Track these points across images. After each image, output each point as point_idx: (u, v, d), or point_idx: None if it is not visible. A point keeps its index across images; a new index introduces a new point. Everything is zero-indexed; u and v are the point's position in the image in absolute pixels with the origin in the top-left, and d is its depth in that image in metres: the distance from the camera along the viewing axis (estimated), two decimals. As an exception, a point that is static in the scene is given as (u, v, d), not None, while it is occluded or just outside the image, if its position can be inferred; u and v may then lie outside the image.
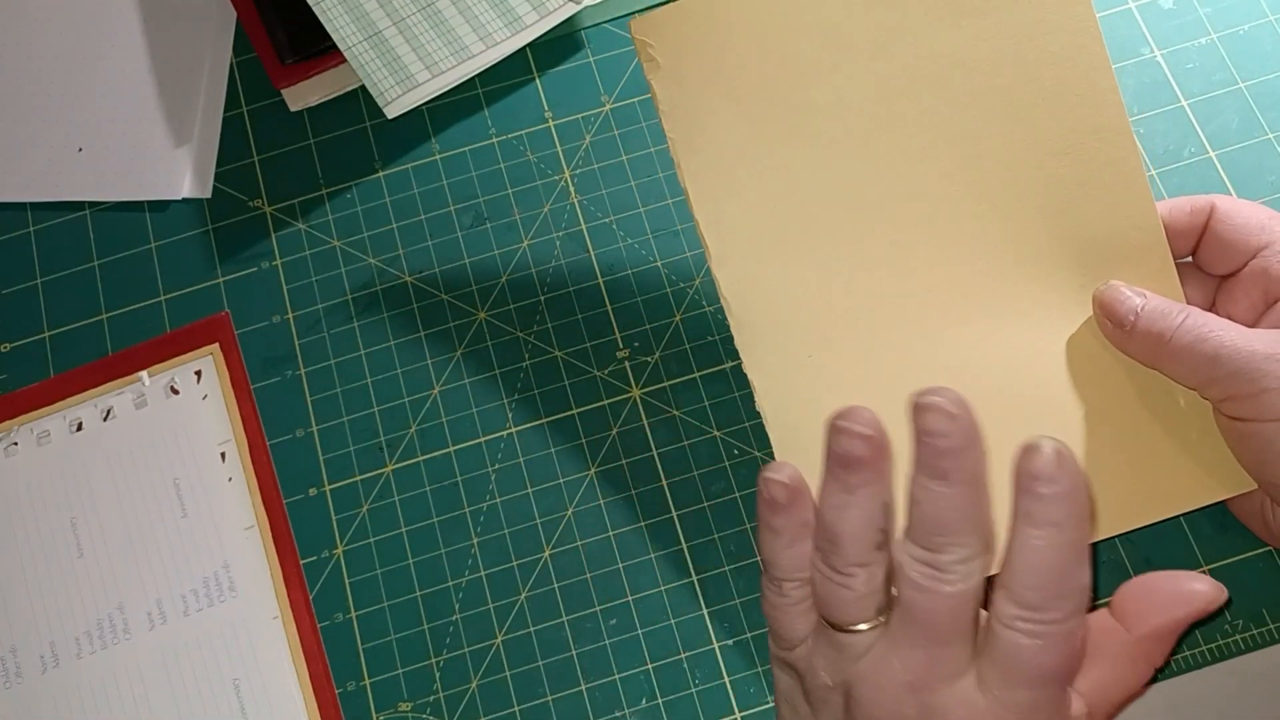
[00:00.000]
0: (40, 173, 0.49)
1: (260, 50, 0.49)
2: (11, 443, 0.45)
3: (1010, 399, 0.38)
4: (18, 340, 0.47)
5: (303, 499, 0.44)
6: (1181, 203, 0.39)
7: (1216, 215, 0.38)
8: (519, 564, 0.43)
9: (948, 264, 0.38)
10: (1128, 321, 0.37)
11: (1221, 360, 0.35)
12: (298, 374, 0.46)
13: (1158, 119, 0.48)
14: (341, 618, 0.43)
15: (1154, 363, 0.37)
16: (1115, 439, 0.38)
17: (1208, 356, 0.35)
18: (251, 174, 0.49)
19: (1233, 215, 0.38)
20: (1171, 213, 0.39)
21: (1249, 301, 0.38)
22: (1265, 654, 0.40)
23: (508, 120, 0.50)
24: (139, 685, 0.42)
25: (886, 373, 0.37)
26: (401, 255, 0.48)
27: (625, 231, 0.47)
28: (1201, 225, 0.39)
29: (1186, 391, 0.38)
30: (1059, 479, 0.30)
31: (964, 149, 0.38)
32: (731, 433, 0.44)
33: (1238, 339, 0.35)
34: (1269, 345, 0.34)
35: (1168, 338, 0.36)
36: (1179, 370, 0.36)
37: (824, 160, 0.38)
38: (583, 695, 0.41)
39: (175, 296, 0.47)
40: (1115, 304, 0.37)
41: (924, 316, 0.38)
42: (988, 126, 0.38)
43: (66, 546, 0.44)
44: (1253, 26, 0.49)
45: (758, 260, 0.38)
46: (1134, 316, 0.36)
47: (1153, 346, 0.36)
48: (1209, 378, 0.35)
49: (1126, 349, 0.37)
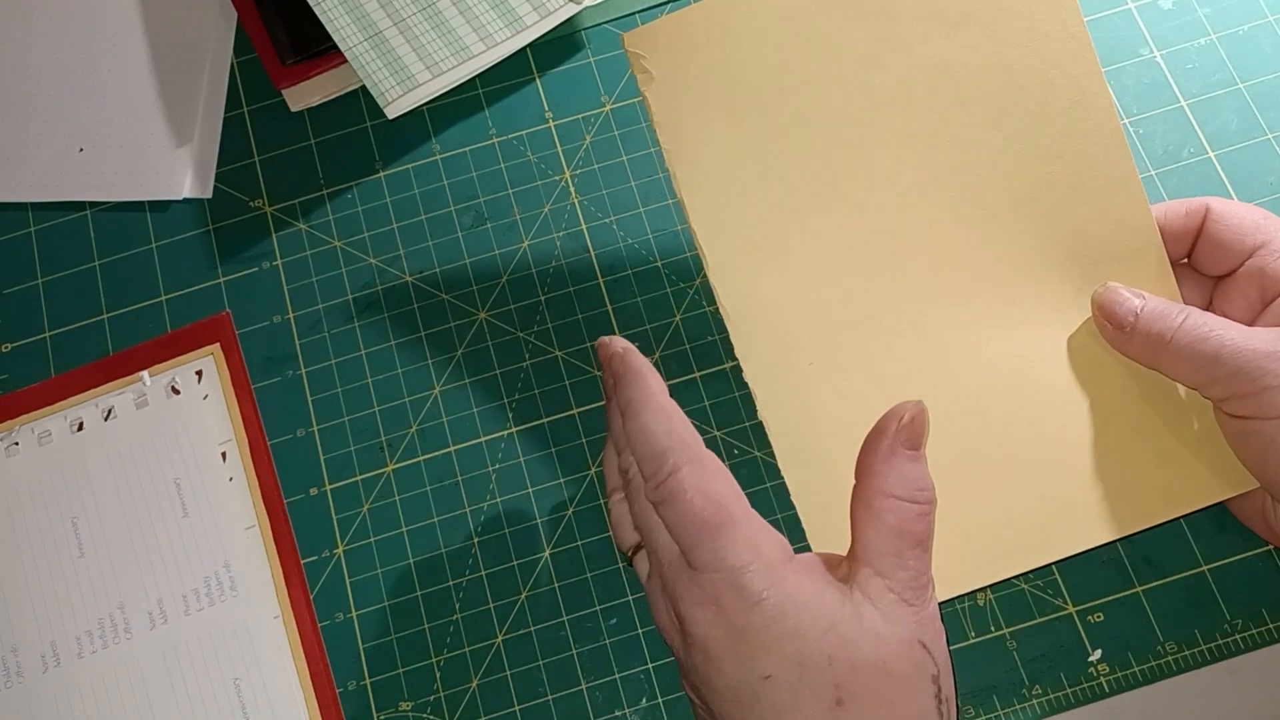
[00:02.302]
0: (41, 173, 0.49)
1: (261, 50, 0.49)
2: (12, 443, 0.45)
3: (1011, 403, 0.38)
4: (19, 340, 0.47)
5: (303, 499, 0.44)
6: (1176, 205, 0.39)
7: (1211, 216, 0.38)
8: (519, 564, 0.43)
9: (945, 270, 0.38)
10: (1127, 323, 0.37)
11: (1222, 359, 0.35)
12: (298, 374, 0.46)
13: (1157, 119, 0.48)
14: (342, 617, 0.43)
15: (1154, 363, 0.37)
16: (1117, 441, 0.38)
17: (1209, 356, 0.35)
18: (252, 174, 0.49)
19: (1227, 216, 0.38)
20: (1166, 215, 0.39)
21: (1245, 301, 0.38)
22: (1265, 654, 0.41)
23: (508, 120, 0.50)
24: (139, 685, 0.42)
25: (888, 379, 0.37)
26: (402, 255, 0.48)
27: (625, 231, 0.47)
28: (1196, 227, 0.39)
29: (1186, 391, 0.38)
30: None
31: (957, 156, 0.38)
32: (731, 433, 0.44)
33: (1238, 338, 0.35)
34: (1269, 343, 0.34)
35: (1168, 338, 0.36)
36: (1180, 370, 0.36)
37: (818, 171, 0.38)
38: (583, 695, 0.41)
39: (176, 296, 0.47)
40: (1114, 306, 0.37)
41: (923, 323, 0.38)
42: (980, 133, 0.38)
43: (67, 546, 0.44)
44: (1252, 27, 0.49)
45: (756, 270, 0.38)
46: (1133, 318, 0.37)
47: (1153, 347, 0.36)
48: (1210, 377, 0.35)
49: (1126, 350, 0.38)
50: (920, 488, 0.33)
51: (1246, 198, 0.46)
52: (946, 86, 0.38)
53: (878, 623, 0.31)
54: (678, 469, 0.32)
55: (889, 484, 0.33)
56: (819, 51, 0.38)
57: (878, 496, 0.33)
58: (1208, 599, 0.41)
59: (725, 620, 0.31)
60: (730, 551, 0.31)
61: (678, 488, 0.32)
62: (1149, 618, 0.41)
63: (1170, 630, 0.41)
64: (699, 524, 0.32)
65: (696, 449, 0.33)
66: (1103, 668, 0.41)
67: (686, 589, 0.32)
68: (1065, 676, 0.41)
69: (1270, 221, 0.38)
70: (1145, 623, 0.41)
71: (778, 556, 0.32)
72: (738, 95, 0.38)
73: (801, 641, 0.31)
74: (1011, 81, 0.38)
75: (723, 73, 0.38)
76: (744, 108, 0.38)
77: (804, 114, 0.38)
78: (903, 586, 0.32)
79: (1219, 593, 0.41)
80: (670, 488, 0.32)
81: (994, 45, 0.38)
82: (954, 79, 0.38)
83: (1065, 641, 0.41)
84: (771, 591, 0.31)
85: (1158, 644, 0.41)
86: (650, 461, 0.33)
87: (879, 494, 0.33)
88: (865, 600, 0.32)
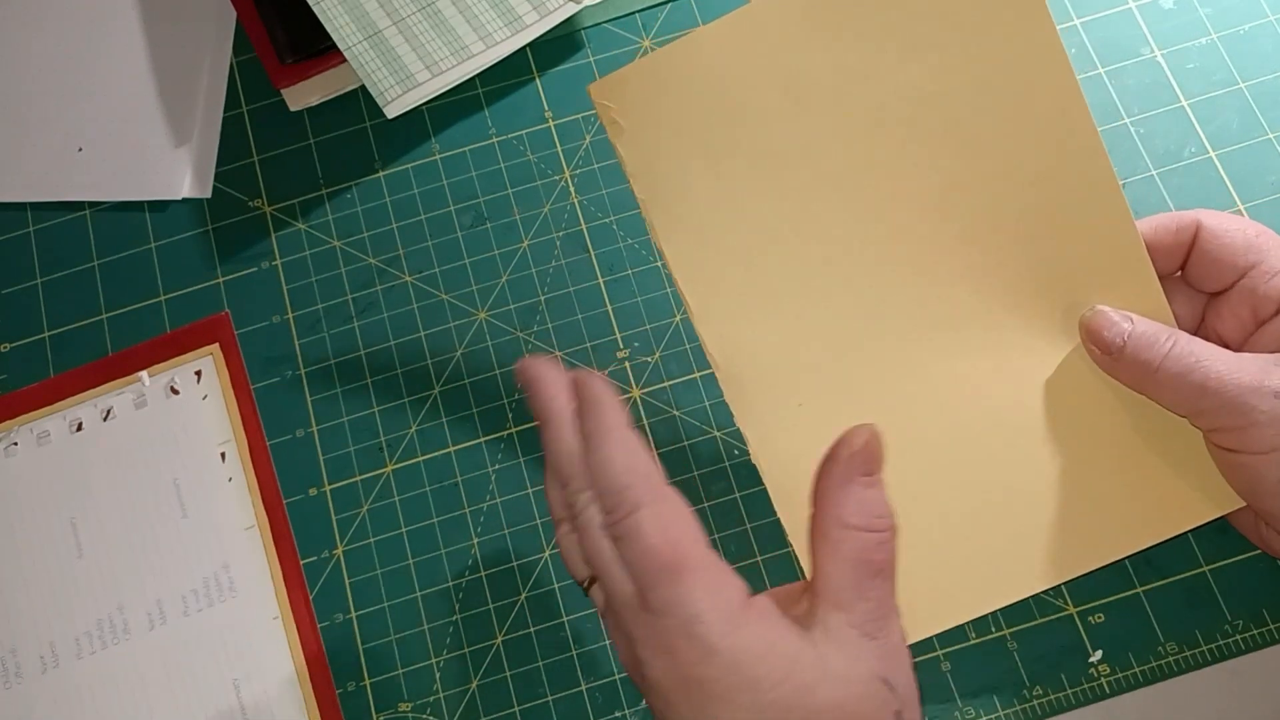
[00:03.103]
0: (40, 173, 0.49)
1: (260, 50, 0.49)
2: (11, 443, 0.45)
3: (1002, 431, 0.38)
4: (18, 340, 0.47)
5: (303, 499, 0.44)
6: (1166, 220, 0.38)
7: (1203, 233, 0.37)
8: (519, 564, 0.43)
9: (930, 301, 0.38)
10: (1115, 347, 0.36)
11: (1209, 392, 0.34)
12: (298, 374, 0.46)
13: (1158, 119, 0.48)
14: (341, 618, 0.43)
15: (1141, 390, 0.36)
16: (1108, 464, 0.38)
17: (1195, 388, 0.34)
18: (251, 174, 0.49)
19: (1219, 234, 0.37)
20: (1156, 231, 0.38)
21: (1237, 321, 0.37)
22: (1265, 654, 0.40)
23: (508, 120, 0.49)
24: (139, 685, 0.42)
25: (879, 414, 0.36)
26: (401, 255, 0.47)
27: (625, 231, 0.47)
28: (1188, 243, 0.38)
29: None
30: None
31: (937, 183, 0.37)
32: (731, 433, 0.44)
33: (1224, 370, 0.34)
34: (1255, 377, 0.34)
35: (1155, 367, 0.35)
36: (1167, 399, 0.36)
37: (797, 208, 0.37)
38: (583, 695, 0.41)
39: (175, 296, 0.47)
40: (1101, 330, 0.36)
41: (911, 355, 0.38)
42: (959, 159, 0.37)
43: (66, 547, 0.44)
44: (1253, 26, 0.49)
45: (740, 314, 0.38)
46: (1121, 341, 0.36)
47: (1139, 375, 0.36)
48: (1196, 409, 0.35)
49: (1115, 375, 0.37)
50: (878, 514, 0.32)
51: (1247, 198, 0.46)
52: (922, 115, 0.37)
53: (838, 663, 0.31)
54: (637, 507, 0.31)
55: (845, 513, 0.32)
56: (788, 89, 0.37)
57: (835, 527, 0.32)
58: (1208, 600, 0.41)
59: (679, 669, 0.30)
60: (687, 598, 0.30)
61: (635, 527, 0.31)
62: (1149, 618, 0.41)
63: (1171, 631, 0.41)
64: (657, 566, 0.30)
65: (658, 486, 0.31)
66: (1103, 668, 0.41)
67: (642, 632, 0.31)
68: (1066, 677, 0.41)
69: (1263, 239, 0.37)
70: (1146, 623, 0.41)
71: (735, 601, 0.31)
72: (710, 139, 0.37)
73: (757, 692, 0.30)
74: (989, 105, 0.37)
75: (693, 117, 0.37)
76: (718, 151, 0.37)
77: (779, 153, 0.37)
78: (863, 619, 0.31)
79: (1219, 593, 0.41)
80: (628, 526, 0.31)
81: (969, 70, 0.37)
82: (929, 106, 0.37)
83: (1066, 642, 0.41)
84: (727, 642, 0.30)
85: (1158, 645, 0.41)
86: (610, 496, 0.31)
87: (836, 524, 0.32)
88: (826, 638, 0.31)
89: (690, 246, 0.38)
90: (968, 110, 0.37)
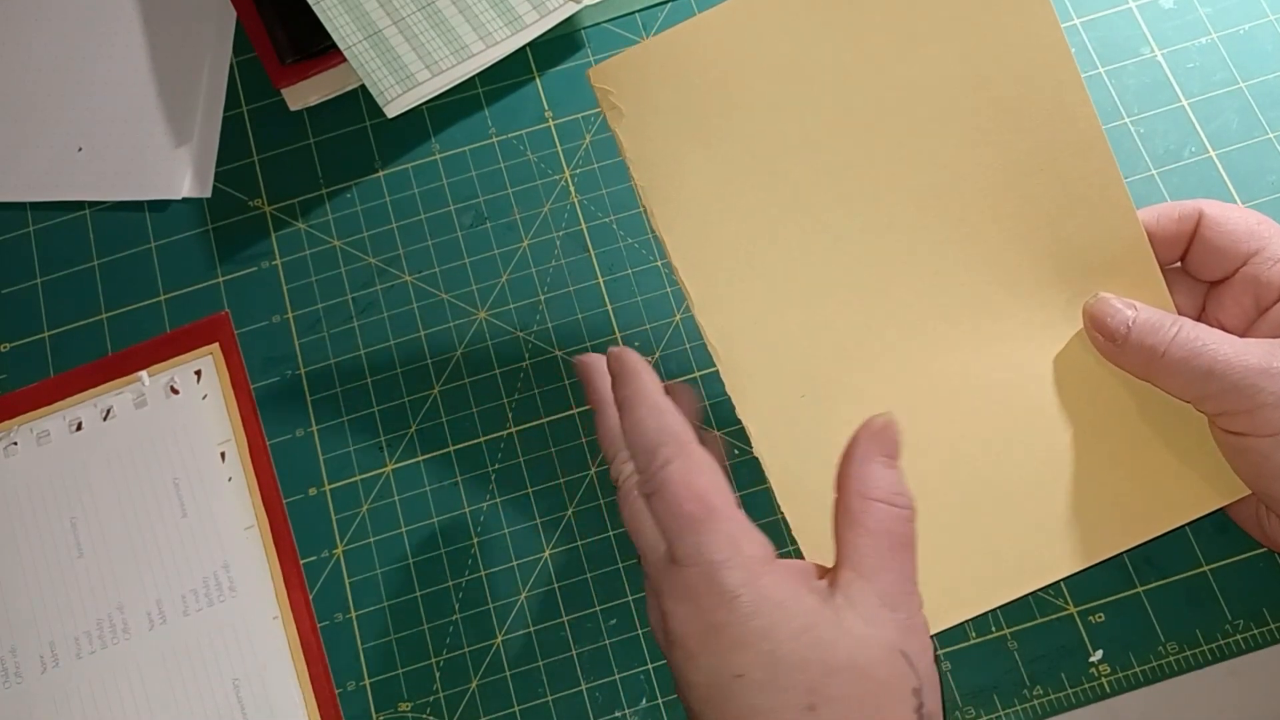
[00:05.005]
0: (40, 173, 0.49)
1: (260, 50, 0.49)
2: (11, 443, 0.45)
3: (1005, 420, 0.38)
4: (18, 340, 0.47)
5: (303, 499, 0.44)
6: (1169, 209, 0.38)
7: (1205, 222, 0.37)
8: (519, 564, 0.43)
9: (932, 292, 0.38)
10: (1119, 334, 0.36)
11: (1215, 375, 0.34)
12: (298, 374, 0.46)
13: (1158, 119, 0.48)
14: (341, 618, 0.43)
15: (1147, 376, 0.36)
16: (1113, 453, 0.37)
17: (1202, 371, 0.34)
18: (251, 174, 0.49)
19: (1221, 222, 0.37)
20: (1159, 220, 0.38)
21: (1239, 309, 0.37)
22: (1266, 654, 0.40)
23: (508, 120, 0.49)
24: (139, 685, 0.42)
25: (881, 405, 0.36)
26: (401, 255, 0.47)
27: (625, 231, 0.47)
28: (1190, 232, 0.38)
29: (1178, 400, 0.38)
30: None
31: (938, 175, 0.37)
32: (731, 432, 0.44)
33: (1230, 353, 0.34)
34: (1262, 359, 0.34)
35: (1160, 351, 0.35)
36: (1173, 384, 0.36)
37: (799, 196, 0.37)
38: (583, 695, 0.41)
39: (175, 296, 0.47)
40: (1105, 317, 0.36)
41: (913, 345, 0.38)
42: (959, 150, 0.37)
43: (66, 546, 0.44)
44: (1253, 26, 0.49)
45: (741, 304, 0.37)
46: (1126, 329, 0.36)
47: (1145, 361, 0.36)
48: (1203, 393, 0.35)
49: (1119, 363, 0.37)
50: (898, 491, 0.33)
51: (1247, 197, 0.46)
52: (923, 105, 0.37)
53: (858, 626, 0.31)
54: (668, 461, 0.32)
55: (867, 487, 0.33)
56: (789, 79, 0.37)
57: (857, 500, 0.33)
58: (1209, 599, 0.41)
59: (701, 616, 0.31)
60: (710, 546, 0.31)
61: (665, 481, 0.32)
62: (1150, 618, 0.41)
63: (1171, 630, 0.41)
64: (682, 516, 0.32)
65: (687, 444, 0.33)
66: (1104, 668, 0.41)
67: (668, 584, 0.32)
68: (1066, 677, 0.41)
69: (1265, 227, 0.37)
70: (1146, 623, 0.41)
71: (758, 555, 0.32)
72: (710, 126, 0.37)
73: (775, 641, 0.31)
74: (989, 96, 0.37)
75: (693, 105, 0.37)
76: (718, 139, 0.37)
77: (780, 140, 0.37)
78: (885, 589, 0.32)
79: (1220, 593, 0.41)
80: (660, 479, 0.32)
81: (969, 60, 0.37)
82: (930, 96, 0.37)
83: (1066, 642, 0.41)
84: (747, 589, 0.31)
85: (1159, 644, 0.41)
86: (642, 455, 0.33)
87: (858, 498, 0.33)
88: (847, 604, 0.32)
89: (690, 235, 0.37)
90: (969, 99, 0.37)
